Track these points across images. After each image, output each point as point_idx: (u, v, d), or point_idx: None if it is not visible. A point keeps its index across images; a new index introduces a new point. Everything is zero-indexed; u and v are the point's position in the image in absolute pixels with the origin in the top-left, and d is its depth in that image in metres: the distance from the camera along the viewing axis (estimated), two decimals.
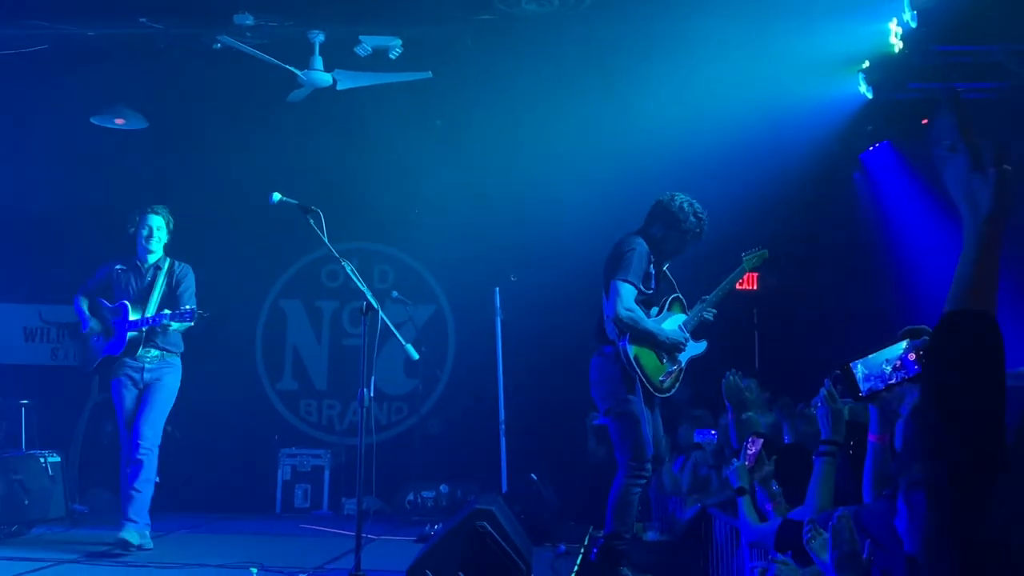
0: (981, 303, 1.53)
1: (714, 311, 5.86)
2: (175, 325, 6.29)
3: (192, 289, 6.60)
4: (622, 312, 5.37)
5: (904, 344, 2.52)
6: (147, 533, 6.14)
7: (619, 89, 8.04)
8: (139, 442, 6.19)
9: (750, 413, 5.28)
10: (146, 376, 6.41)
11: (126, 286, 6.52)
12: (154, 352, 6.43)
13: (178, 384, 6.56)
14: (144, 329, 6.34)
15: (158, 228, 6.61)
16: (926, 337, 2.55)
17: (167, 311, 6.23)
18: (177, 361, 6.57)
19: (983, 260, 1.56)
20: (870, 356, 2.60)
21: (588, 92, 8.09)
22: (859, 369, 2.58)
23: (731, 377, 5.26)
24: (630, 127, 8.13)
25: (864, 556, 2.64)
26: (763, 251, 5.97)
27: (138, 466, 6.17)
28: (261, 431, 9.44)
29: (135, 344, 6.36)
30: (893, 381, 2.55)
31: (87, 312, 6.55)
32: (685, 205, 5.61)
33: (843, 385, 2.65)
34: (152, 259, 6.61)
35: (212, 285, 9.47)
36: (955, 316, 1.52)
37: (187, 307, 6.25)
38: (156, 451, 6.31)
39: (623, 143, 8.14)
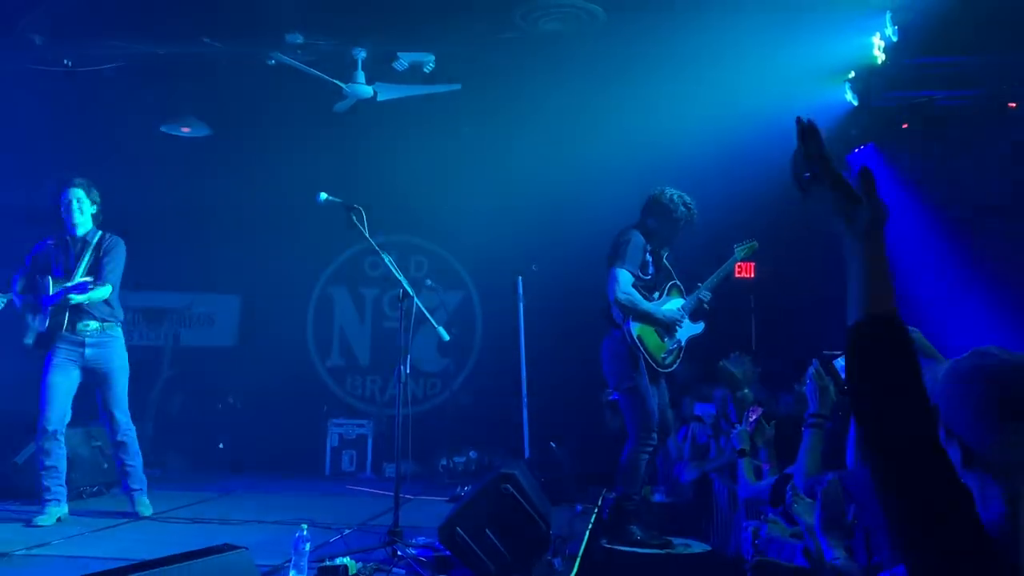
0: (884, 306, 1.44)
1: (709, 294, 5.85)
2: (92, 295, 5.62)
3: (116, 262, 5.82)
4: (620, 295, 5.39)
5: None
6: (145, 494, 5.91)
7: (630, 97, 7.99)
8: (116, 428, 5.76)
9: (745, 391, 5.28)
10: (88, 352, 5.70)
11: (55, 261, 5.81)
12: (93, 324, 5.70)
13: (125, 353, 5.84)
14: (65, 300, 5.60)
15: (78, 200, 5.82)
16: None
17: (75, 282, 5.60)
18: (118, 331, 5.83)
19: (873, 268, 1.47)
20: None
21: (602, 100, 8.05)
22: (841, 363, 2.55)
23: (722, 364, 5.28)
24: (639, 131, 8.09)
25: (848, 519, 2.62)
26: (753, 243, 6.01)
27: (122, 446, 5.79)
28: (312, 403, 9.50)
29: (63, 318, 5.64)
30: None
31: (19, 290, 5.81)
32: (675, 197, 5.62)
33: (831, 378, 2.62)
34: (80, 232, 5.85)
35: (268, 275, 9.62)
36: (862, 326, 1.42)
37: (87, 279, 5.60)
38: (134, 429, 5.85)
39: (633, 144, 8.09)
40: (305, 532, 3.73)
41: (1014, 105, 7.35)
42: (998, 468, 1.44)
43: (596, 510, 6.19)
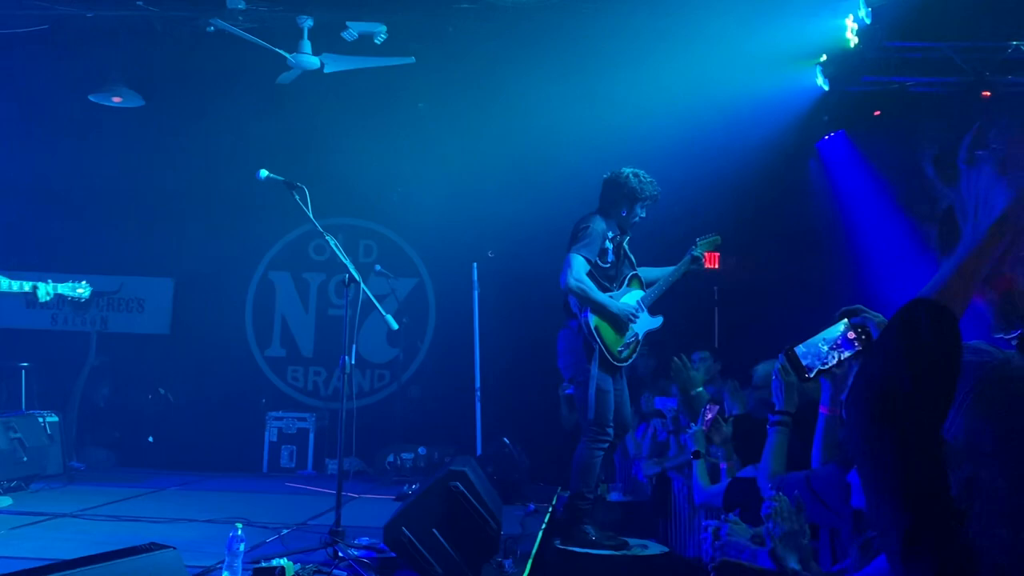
0: (949, 300, 1.38)
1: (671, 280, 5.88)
2: None
3: None
4: (572, 282, 5.38)
5: (843, 324, 2.50)
6: None
7: (591, 77, 8.01)
8: None
9: (699, 389, 5.31)
10: None
11: None
12: None
13: None
14: None
15: None
16: (864, 316, 2.51)
17: None
18: None
19: (971, 262, 1.41)
20: (811, 338, 2.58)
21: (563, 79, 8.05)
22: (801, 350, 2.56)
23: (676, 361, 5.30)
24: (602, 113, 8.11)
25: (804, 537, 2.64)
26: (715, 237, 6.02)
27: None
28: (250, 395, 9.41)
29: None
30: (832, 360, 2.53)
31: None
32: (632, 176, 5.61)
33: (793, 368, 2.64)
34: None
35: (204, 257, 9.48)
36: (920, 303, 1.38)
37: None
38: None
39: (595, 128, 8.11)
40: (240, 532, 3.68)
41: (988, 94, 7.49)
42: (960, 453, 1.45)
43: (550, 509, 6.21)
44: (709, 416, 4.41)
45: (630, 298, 5.71)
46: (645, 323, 5.76)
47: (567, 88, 8.12)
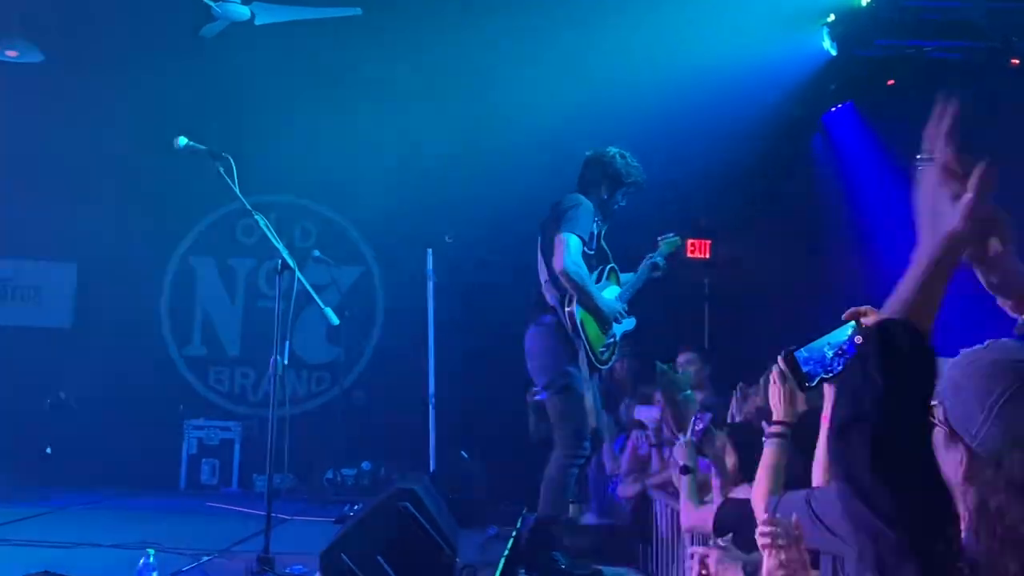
0: (917, 316, 1.47)
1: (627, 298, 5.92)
2: None
3: None
4: (570, 266, 5.34)
5: (851, 327, 2.51)
6: None
7: (565, 40, 8.00)
8: None
9: (688, 392, 5.33)
10: None
11: None
12: None
13: None
14: None
15: None
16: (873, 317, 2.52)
17: None
18: None
19: (930, 273, 1.51)
20: (814, 341, 2.59)
21: (534, 41, 8.05)
22: (803, 355, 2.57)
23: (659, 366, 5.32)
24: (578, 81, 8.12)
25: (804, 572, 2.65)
26: (676, 238, 6.12)
27: None
28: (165, 400, 9.34)
29: None
30: (836, 368, 2.54)
31: None
32: (623, 157, 5.63)
33: (791, 374, 2.64)
34: None
35: (113, 239, 9.36)
36: (890, 326, 1.44)
37: None
38: None
39: (570, 98, 8.12)
40: (151, 559, 3.66)
41: (1017, 62, 7.57)
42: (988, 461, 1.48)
43: (513, 534, 6.20)
44: (700, 426, 4.42)
45: (609, 293, 5.72)
46: (623, 324, 5.79)
47: (538, 53, 8.12)
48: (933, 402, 1.67)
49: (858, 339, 2.49)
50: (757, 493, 3.35)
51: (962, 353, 1.69)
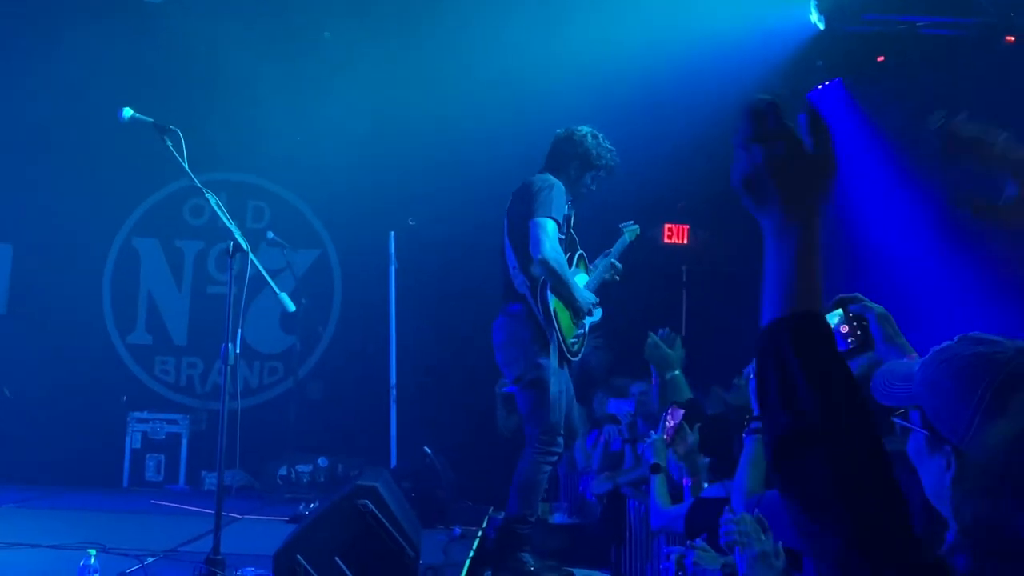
0: (813, 304, 1.42)
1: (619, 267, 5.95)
2: None
3: None
4: (550, 252, 5.34)
5: (838, 315, 2.54)
6: None
7: (539, 14, 8.00)
8: None
9: (676, 372, 5.34)
10: None
11: None
12: None
13: None
14: None
15: None
16: (864, 306, 2.55)
17: None
18: None
19: (812, 255, 1.45)
20: None
21: (505, 16, 8.04)
22: None
23: (653, 337, 5.32)
24: (548, 56, 8.11)
25: (778, 560, 2.69)
26: (635, 226, 6.12)
27: None
28: (107, 391, 9.29)
29: None
30: None
31: None
32: (594, 138, 5.64)
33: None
34: None
35: (50, 219, 9.27)
36: (784, 324, 1.41)
37: None
38: None
39: (543, 75, 8.12)
40: (93, 560, 3.64)
41: (1012, 39, 7.65)
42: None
43: (480, 534, 6.23)
44: (671, 423, 4.45)
45: (579, 282, 5.74)
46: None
47: (509, 28, 8.10)
48: (906, 406, 1.69)
49: (844, 328, 2.52)
50: (737, 491, 3.39)
51: (933, 351, 1.68)
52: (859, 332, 2.51)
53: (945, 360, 1.64)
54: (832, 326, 2.50)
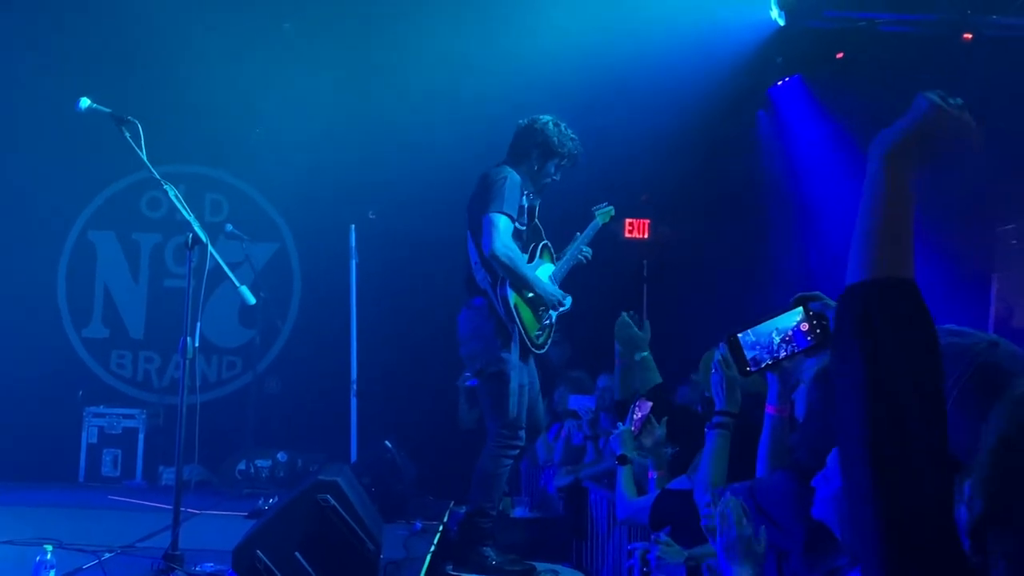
0: (899, 269, 1.35)
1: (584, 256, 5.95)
2: None
3: None
4: (500, 248, 5.34)
5: (799, 313, 2.55)
6: None
7: (500, 4, 7.99)
8: None
9: (645, 353, 5.33)
10: None
11: None
12: None
13: None
14: None
15: None
16: (824, 303, 2.56)
17: None
18: None
19: (886, 213, 1.38)
20: (760, 324, 2.62)
21: (463, 7, 8.04)
22: (748, 339, 2.60)
23: (624, 316, 5.32)
24: (507, 49, 8.11)
25: (759, 544, 2.69)
26: (609, 207, 6.10)
27: None
28: (62, 385, 9.19)
29: None
30: (782, 355, 2.59)
31: None
32: (556, 126, 5.64)
33: (733, 359, 2.67)
34: None
35: (5, 211, 9.15)
36: (863, 289, 1.35)
37: None
38: None
39: (499, 67, 8.12)
40: (49, 556, 3.62)
41: (970, 37, 7.75)
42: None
43: (441, 528, 6.23)
44: (639, 414, 4.46)
45: (542, 273, 5.74)
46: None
47: (468, 19, 8.10)
48: None
49: (804, 326, 2.54)
50: (699, 484, 3.41)
51: None
52: (819, 331, 2.52)
53: None
54: (795, 322, 2.52)
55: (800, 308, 2.56)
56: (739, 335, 2.62)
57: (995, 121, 7.72)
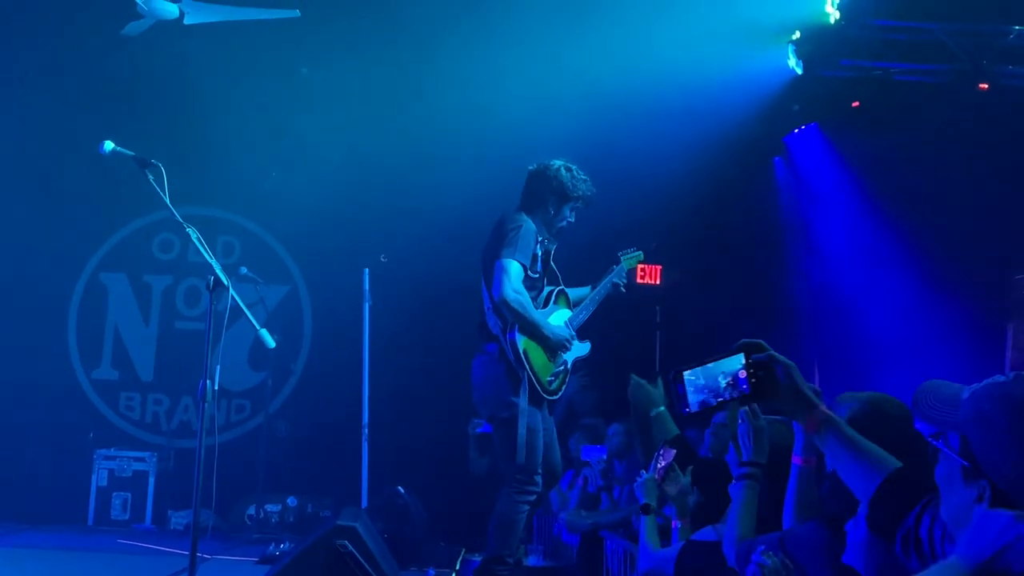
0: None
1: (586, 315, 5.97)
2: None
3: None
4: (509, 294, 5.37)
5: (741, 360, 2.52)
6: None
7: (515, 51, 8.07)
8: None
9: (661, 408, 5.32)
10: None
11: None
12: None
13: None
14: None
15: None
16: (771, 356, 2.52)
17: None
18: None
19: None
20: (707, 365, 2.59)
21: (479, 51, 8.10)
22: (696, 378, 2.55)
23: (635, 378, 5.32)
24: (522, 93, 8.17)
25: None
26: (639, 252, 6.20)
27: None
28: (72, 428, 9.17)
29: None
30: (725, 398, 2.56)
31: None
32: (568, 170, 5.68)
33: (668, 394, 2.65)
34: None
35: (17, 252, 9.18)
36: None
37: None
38: None
39: (516, 111, 8.17)
40: None
41: (986, 86, 7.81)
42: None
43: (453, 575, 6.20)
44: (663, 463, 4.44)
45: (557, 318, 5.77)
46: (575, 349, 5.83)
47: (484, 64, 8.16)
48: (945, 431, 1.70)
49: (743, 373, 2.51)
50: (728, 537, 3.39)
51: (986, 384, 1.68)
52: (755, 381, 2.48)
53: (1000, 397, 1.64)
54: (736, 368, 2.49)
55: (742, 354, 2.52)
56: (684, 372, 2.57)
57: (1011, 170, 7.80)
